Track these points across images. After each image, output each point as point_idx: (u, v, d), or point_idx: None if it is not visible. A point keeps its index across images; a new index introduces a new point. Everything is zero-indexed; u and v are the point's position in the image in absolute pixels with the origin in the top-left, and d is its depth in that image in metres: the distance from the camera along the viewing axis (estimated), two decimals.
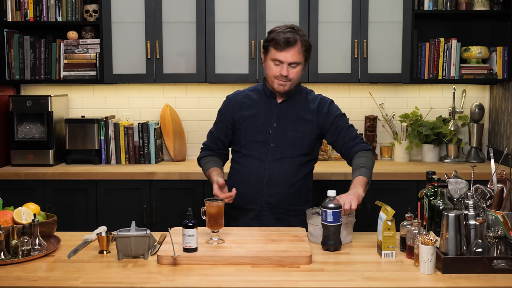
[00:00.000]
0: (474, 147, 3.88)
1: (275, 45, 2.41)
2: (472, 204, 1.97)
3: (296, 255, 2.00)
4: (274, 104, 2.54)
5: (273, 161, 2.50)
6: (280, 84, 2.46)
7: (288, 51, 2.40)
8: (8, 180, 3.49)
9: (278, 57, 2.41)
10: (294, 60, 2.42)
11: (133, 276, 1.87)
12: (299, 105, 2.54)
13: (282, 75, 2.43)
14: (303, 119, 2.52)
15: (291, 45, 2.40)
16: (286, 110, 2.53)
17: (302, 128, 2.52)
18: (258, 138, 2.51)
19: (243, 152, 2.56)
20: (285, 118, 2.52)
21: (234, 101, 2.59)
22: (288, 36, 2.39)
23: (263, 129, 2.51)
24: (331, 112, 2.54)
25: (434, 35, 3.84)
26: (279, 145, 2.50)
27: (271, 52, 2.43)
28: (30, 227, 2.05)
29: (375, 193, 3.46)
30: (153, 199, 3.51)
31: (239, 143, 2.57)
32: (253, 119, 2.53)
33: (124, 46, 3.71)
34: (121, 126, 3.79)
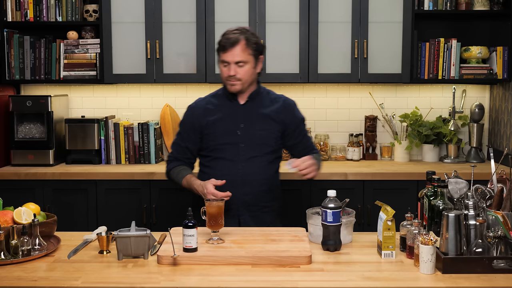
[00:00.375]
0: (474, 147, 3.88)
1: (220, 47, 2.52)
2: (472, 204, 1.97)
3: (296, 255, 2.00)
4: (238, 106, 2.60)
5: (245, 160, 2.56)
6: (231, 84, 2.53)
7: (232, 51, 2.48)
8: (8, 180, 3.49)
9: (224, 58, 2.51)
10: (239, 59, 2.49)
11: (133, 276, 1.87)
12: (263, 104, 2.62)
13: (230, 75, 2.50)
14: (268, 117, 2.60)
15: (234, 45, 2.48)
16: (251, 110, 2.59)
17: (269, 127, 2.59)
18: (228, 140, 2.56)
19: (213, 155, 2.59)
20: (251, 118, 2.58)
21: (197, 109, 2.63)
22: (231, 36, 2.49)
23: (231, 130, 2.57)
24: (297, 116, 2.67)
25: (434, 35, 3.84)
26: (249, 145, 2.56)
27: (219, 55, 2.54)
28: (30, 227, 2.05)
29: (375, 193, 3.47)
30: (153, 199, 3.51)
31: (208, 147, 2.60)
32: (220, 122, 2.58)
33: (124, 46, 3.71)
34: (121, 126, 3.79)
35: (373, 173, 3.50)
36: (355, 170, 3.55)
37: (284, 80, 3.75)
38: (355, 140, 3.96)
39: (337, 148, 3.98)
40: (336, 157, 3.97)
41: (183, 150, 2.64)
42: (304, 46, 3.68)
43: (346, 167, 3.68)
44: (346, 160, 3.95)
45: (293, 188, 3.47)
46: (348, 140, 4.02)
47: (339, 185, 3.38)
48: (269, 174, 2.61)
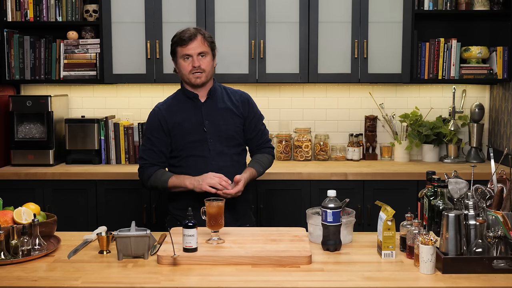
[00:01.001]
0: (474, 147, 3.88)
1: (180, 42, 2.57)
2: (472, 204, 1.97)
3: (296, 255, 2.00)
4: (199, 104, 2.65)
5: (215, 155, 2.61)
6: (196, 76, 2.59)
7: (192, 43, 2.56)
8: (8, 180, 3.49)
9: (185, 51, 2.56)
10: (201, 50, 2.57)
11: (133, 276, 1.87)
12: (222, 99, 2.68)
13: (195, 66, 2.57)
14: (230, 111, 2.67)
15: (194, 38, 2.56)
16: (212, 106, 2.65)
17: (231, 120, 2.66)
18: (196, 137, 2.61)
19: (183, 154, 2.62)
20: (214, 114, 2.64)
21: (161, 111, 2.65)
22: (188, 31, 2.58)
23: (197, 128, 2.61)
24: (254, 110, 2.74)
25: (434, 35, 3.84)
26: (216, 140, 2.62)
27: (178, 51, 2.59)
28: (30, 227, 2.05)
29: (375, 193, 3.47)
30: (153, 199, 3.51)
31: (177, 147, 2.62)
32: (186, 121, 2.62)
33: (124, 46, 3.71)
34: (121, 126, 3.79)
35: (373, 173, 3.50)
36: (355, 170, 3.55)
37: (284, 80, 3.75)
38: (355, 140, 3.96)
39: (337, 148, 3.98)
40: (336, 157, 3.97)
41: (158, 155, 2.63)
42: (304, 46, 3.68)
43: (346, 167, 3.68)
44: (346, 160, 3.95)
45: (293, 188, 3.48)
46: (348, 140, 4.02)
47: (339, 185, 3.38)
48: (238, 166, 2.66)
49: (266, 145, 2.80)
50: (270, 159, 2.79)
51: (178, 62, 2.61)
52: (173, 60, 2.66)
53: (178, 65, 2.62)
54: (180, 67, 2.61)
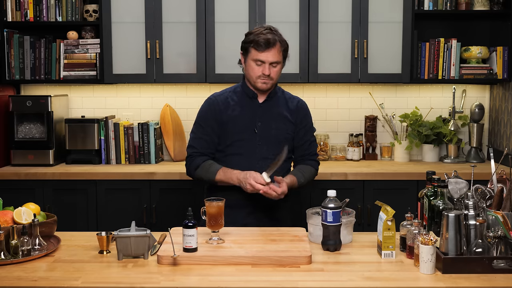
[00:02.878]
0: (474, 147, 3.88)
1: (256, 46, 2.50)
2: (472, 204, 1.97)
3: (296, 255, 2.00)
4: (257, 104, 2.62)
5: (261, 158, 2.57)
6: (263, 82, 2.55)
7: (269, 51, 2.51)
8: (8, 180, 3.49)
9: (260, 57, 2.51)
10: (274, 60, 2.52)
11: (133, 276, 1.87)
12: (279, 104, 2.65)
13: (265, 74, 2.53)
14: (284, 117, 2.64)
15: (272, 46, 2.50)
16: (268, 109, 2.62)
17: (283, 126, 2.62)
18: (245, 136, 2.57)
19: (228, 151, 2.58)
20: (268, 117, 2.61)
21: (218, 102, 2.60)
22: (269, 37, 2.50)
23: (249, 128, 2.58)
24: (306, 119, 2.70)
25: (434, 35, 3.84)
26: (265, 143, 2.58)
27: (252, 53, 2.53)
28: (30, 227, 2.05)
29: (375, 193, 3.47)
30: (153, 199, 3.51)
31: (224, 142, 2.58)
32: (239, 118, 2.58)
33: (124, 46, 3.71)
34: (121, 126, 3.79)
35: (373, 173, 3.50)
36: (355, 170, 3.55)
37: (284, 80, 3.74)
38: (355, 140, 3.96)
39: (337, 148, 3.98)
40: (336, 157, 3.97)
41: (208, 144, 2.57)
42: (304, 46, 3.68)
43: (346, 167, 3.68)
44: (346, 160, 3.95)
45: None
46: (348, 140, 4.02)
47: (339, 185, 3.38)
48: (282, 173, 2.57)
49: (312, 158, 2.71)
50: (313, 172, 2.68)
51: (248, 62, 2.55)
52: (242, 55, 2.60)
53: (247, 64, 2.56)
54: (249, 68, 2.55)
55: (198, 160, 2.57)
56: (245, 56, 2.57)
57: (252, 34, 2.54)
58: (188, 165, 2.60)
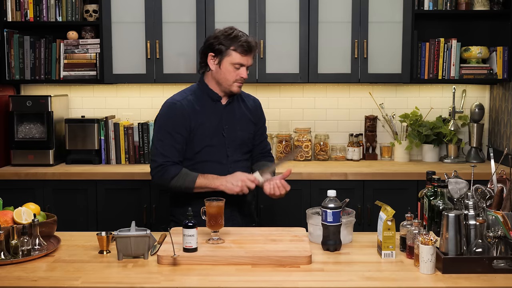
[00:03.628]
0: (474, 147, 3.88)
1: (240, 49, 2.44)
2: (472, 204, 1.97)
3: (296, 255, 2.00)
4: (221, 107, 2.55)
5: (233, 162, 2.53)
6: (238, 86, 2.51)
7: (250, 56, 2.48)
8: (8, 180, 3.49)
9: (242, 61, 2.46)
10: (251, 63, 2.52)
11: (133, 276, 1.87)
12: (240, 105, 2.61)
13: (243, 78, 2.49)
14: (246, 117, 2.61)
15: (253, 50, 2.48)
16: (231, 112, 2.57)
17: (247, 127, 2.61)
18: (214, 142, 2.50)
19: (198, 158, 2.49)
20: (233, 119, 2.56)
21: (184, 107, 2.48)
22: (250, 40, 2.46)
23: (217, 132, 2.51)
24: (263, 117, 2.72)
25: (434, 35, 3.84)
26: (233, 146, 2.54)
27: (233, 56, 2.44)
28: (30, 227, 2.05)
29: (375, 193, 3.47)
30: (153, 199, 3.51)
31: (192, 150, 2.48)
32: (207, 123, 2.49)
33: (124, 46, 3.71)
34: (121, 126, 3.79)
35: (373, 173, 3.50)
36: (355, 170, 3.55)
37: (284, 80, 3.75)
38: (355, 140, 3.96)
39: (337, 148, 3.98)
40: (336, 157, 3.97)
41: (179, 153, 2.46)
42: (304, 46, 3.68)
43: (346, 167, 3.68)
44: (346, 160, 3.96)
45: (293, 188, 3.44)
46: (348, 140, 4.02)
47: (339, 185, 3.38)
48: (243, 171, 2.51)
49: (270, 155, 2.74)
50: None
51: (224, 65, 2.45)
52: (213, 56, 2.47)
53: (222, 67, 2.46)
54: (225, 71, 2.46)
55: (173, 169, 2.43)
56: (219, 58, 2.46)
57: (231, 36, 2.43)
58: (161, 175, 2.44)
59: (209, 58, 2.48)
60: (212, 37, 2.49)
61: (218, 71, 2.48)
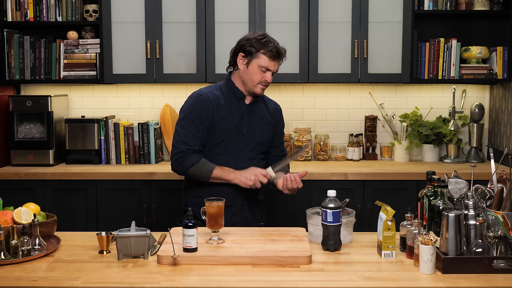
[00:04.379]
0: (474, 147, 3.88)
1: (269, 54, 2.55)
2: (472, 204, 1.97)
3: (296, 255, 2.00)
4: (244, 106, 2.65)
5: (248, 158, 2.63)
6: (262, 88, 2.61)
7: (277, 62, 2.59)
8: (8, 180, 3.49)
9: (269, 65, 2.56)
10: (277, 70, 2.63)
11: (133, 276, 1.87)
12: (262, 106, 2.71)
13: (267, 81, 2.59)
14: (266, 120, 2.71)
15: (280, 57, 2.60)
16: (253, 111, 2.67)
17: (266, 128, 2.70)
18: (233, 136, 2.60)
19: (216, 150, 2.59)
20: (254, 119, 2.66)
21: (210, 100, 2.57)
22: (279, 48, 2.58)
23: (237, 128, 2.61)
24: (282, 122, 2.82)
25: (434, 35, 3.84)
26: (251, 144, 2.64)
27: (262, 59, 2.55)
28: (30, 227, 2.05)
29: (375, 193, 3.47)
30: (153, 199, 3.51)
31: (212, 141, 2.59)
32: (229, 118, 2.59)
33: (124, 46, 3.71)
34: (121, 126, 3.79)
35: (373, 173, 3.50)
36: (355, 170, 3.55)
37: (284, 80, 3.75)
38: (355, 140, 3.96)
39: (337, 148, 3.98)
40: (336, 157, 3.97)
41: (200, 142, 2.56)
42: (304, 46, 3.68)
43: (346, 167, 3.68)
44: (346, 160, 3.96)
45: None
46: (348, 140, 4.02)
47: (339, 185, 3.38)
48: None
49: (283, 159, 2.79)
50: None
51: (252, 66, 2.56)
52: (241, 56, 2.58)
53: (249, 68, 2.56)
54: (252, 72, 2.56)
55: (193, 157, 2.54)
56: (248, 59, 2.56)
57: (263, 40, 2.55)
58: (181, 161, 2.54)
59: (239, 58, 2.59)
60: (245, 38, 2.60)
61: (245, 71, 2.58)
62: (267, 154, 2.76)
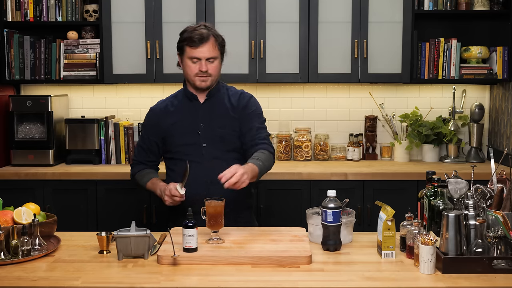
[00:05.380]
0: (474, 147, 3.88)
1: (190, 43, 2.46)
2: (472, 204, 1.97)
3: (296, 255, 2.00)
4: (197, 105, 2.57)
5: (210, 160, 2.51)
6: (202, 80, 2.51)
7: (203, 47, 2.46)
8: (8, 180, 3.49)
9: (195, 54, 2.47)
10: (210, 55, 2.48)
11: (133, 276, 1.87)
12: (222, 102, 2.58)
13: (202, 71, 2.49)
14: (227, 115, 2.56)
15: (205, 41, 2.46)
16: (210, 109, 2.57)
17: (228, 123, 2.55)
18: (189, 140, 2.53)
19: (176, 156, 2.56)
20: (211, 117, 2.55)
21: (157, 111, 2.63)
22: (202, 32, 2.46)
23: (192, 131, 2.54)
24: (249, 106, 2.59)
25: (434, 35, 3.84)
26: (211, 144, 2.53)
27: (187, 51, 2.49)
28: (30, 227, 2.05)
29: (375, 193, 3.47)
30: (153, 199, 3.51)
31: (170, 149, 2.58)
32: (180, 123, 2.55)
33: (124, 46, 3.71)
34: (121, 126, 3.79)
35: (373, 173, 3.50)
36: (355, 170, 3.55)
37: (284, 80, 3.75)
38: (355, 140, 3.96)
39: (337, 148, 3.98)
40: (336, 157, 3.97)
41: (146, 153, 2.64)
42: (304, 46, 3.68)
43: (346, 167, 3.67)
44: (346, 160, 3.96)
45: (293, 188, 3.48)
46: (348, 140, 4.02)
47: (339, 185, 3.38)
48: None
49: (262, 141, 2.53)
50: (266, 154, 2.47)
51: (184, 61, 2.52)
52: (178, 55, 2.56)
53: (184, 63, 2.53)
54: (186, 67, 2.52)
55: (135, 168, 2.67)
56: (181, 56, 2.53)
57: (186, 32, 2.50)
58: (130, 171, 2.72)
59: (178, 58, 2.58)
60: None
61: (183, 69, 2.56)
62: (243, 146, 2.55)
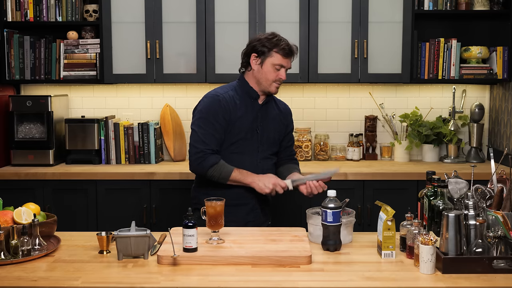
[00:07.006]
0: (474, 147, 3.88)
1: (283, 52, 2.58)
2: (472, 204, 1.97)
3: (296, 255, 2.00)
4: (258, 105, 2.68)
5: (262, 158, 2.67)
6: (277, 86, 2.65)
7: (290, 59, 2.64)
8: (8, 180, 3.49)
9: (283, 63, 2.60)
10: (290, 67, 2.67)
11: (133, 276, 1.87)
12: (274, 106, 2.76)
13: (282, 79, 2.63)
14: (278, 119, 2.75)
15: (293, 54, 2.64)
16: (266, 111, 2.71)
17: (278, 128, 2.74)
18: (248, 136, 2.63)
19: (232, 149, 2.62)
20: (267, 119, 2.70)
21: (227, 101, 2.59)
22: (291, 45, 2.62)
23: (252, 128, 2.64)
24: (292, 122, 2.85)
25: (434, 35, 3.84)
26: (264, 143, 2.68)
27: (275, 57, 2.59)
28: (30, 227, 2.05)
29: (375, 193, 3.47)
30: (153, 199, 3.51)
31: (229, 140, 2.60)
32: (244, 118, 2.62)
33: (124, 46, 3.71)
34: (121, 126, 3.79)
35: (373, 173, 3.50)
36: (355, 170, 3.55)
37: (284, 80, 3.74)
38: (355, 140, 3.96)
39: (337, 148, 3.98)
40: (336, 157, 3.97)
41: (218, 142, 2.57)
42: (304, 46, 3.68)
43: (346, 167, 3.67)
44: (346, 160, 3.96)
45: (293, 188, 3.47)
46: (348, 140, 4.02)
47: (339, 185, 3.36)
48: (272, 171, 2.70)
49: (295, 159, 2.86)
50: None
51: (266, 65, 2.59)
52: (255, 56, 2.60)
53: (264, 67, 2.60)
54: (266, 71, 2.59)
55: (212, 158, 2.54)
56: (262, 59, 2.59)
57: (274, 39, 2.59)
58: (200, 161, 2.53)
59: (252, 58, 2.62)
60: (255, 39, 2.63)
61: (259, 71, 2.61)
62: (278, 154, 2.78)
